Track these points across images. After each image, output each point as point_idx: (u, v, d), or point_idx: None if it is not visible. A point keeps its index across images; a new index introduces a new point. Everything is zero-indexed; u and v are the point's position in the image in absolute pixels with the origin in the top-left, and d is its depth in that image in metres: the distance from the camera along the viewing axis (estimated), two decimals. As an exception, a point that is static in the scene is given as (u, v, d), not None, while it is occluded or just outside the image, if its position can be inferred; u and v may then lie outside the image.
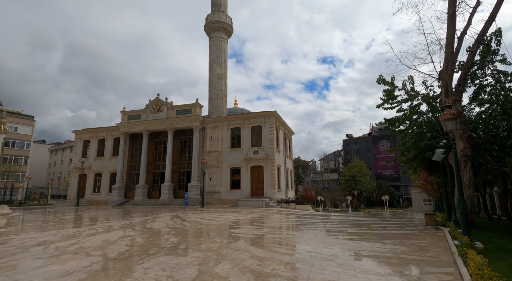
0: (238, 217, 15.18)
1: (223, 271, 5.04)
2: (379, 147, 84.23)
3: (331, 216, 18.16)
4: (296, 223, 13.18)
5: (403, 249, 7.00)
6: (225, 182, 26.91)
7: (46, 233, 9.77)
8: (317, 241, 7.97)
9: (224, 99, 30.16)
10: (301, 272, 5.00)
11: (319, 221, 13.91)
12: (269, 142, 25.74)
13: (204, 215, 16.54)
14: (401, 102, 16.24)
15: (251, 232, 9.72)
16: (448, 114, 7.99)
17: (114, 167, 31.50)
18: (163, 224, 12.29)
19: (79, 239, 8.45)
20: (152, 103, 29.80)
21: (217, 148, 27.78)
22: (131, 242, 8.02)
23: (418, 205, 54.98)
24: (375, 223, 13.37)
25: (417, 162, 16.17)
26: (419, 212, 50.14)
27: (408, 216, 38.14)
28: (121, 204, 28.47)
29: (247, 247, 7.16)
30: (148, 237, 8.91)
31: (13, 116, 50.76)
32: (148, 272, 5.00)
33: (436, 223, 11.62)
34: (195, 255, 6.26)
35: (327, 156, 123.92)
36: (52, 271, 5.10)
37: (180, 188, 29.02)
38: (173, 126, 28.39)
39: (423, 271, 5.15)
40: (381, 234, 9.66)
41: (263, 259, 5.89)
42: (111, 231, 10.23)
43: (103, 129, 33.18)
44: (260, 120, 26.56)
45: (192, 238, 8.87)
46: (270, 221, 13.69)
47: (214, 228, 11.00)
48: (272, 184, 24.76)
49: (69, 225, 12.69)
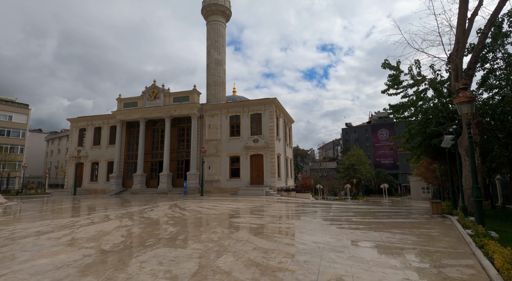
0: (238, 206, 14.85)
1: (225, 265, 4.64)
2: (378, 136, 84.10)
3: (332, 204, 17.91)
4: (299, 212, 12.85)
5: (414, 239, 6.64)
6: (225, 170, 26.53)
7: (38, 223, 9.36)
8: (322, 231, 7.61)
9: (223, 86, 29.37)
10: (310, 265, 4.61)
11: (322, 210, 13.60)
12: (269, 130, 25.20)
13: (203, 204, 16.21)
14: (407, 87, 15.68)
15: (253, 222, 9.36)
16: (463, 97, 7.48)
17: (111, 156, 30.99)
18: (161, 213, 11.92)
19: (72, 230, 8.04)
20: (148, 90, 28.99)
21: (216, 137, 27.25)
22: (127, 232, 7.63)
23: (416, 193, 55.28)
24: (379, 212, 13.07)
25: (421, 149, 15.76)
26: (417, 200, 50.46)
27: (407, 204, 38.22)
28: (119, 193, 28.15)
29: (250, 237, 6.78)
30: (146, 227, 8.52)
31: (7, 104, 49.75)
32: (144, 266, 4.59)
33: (442, 211, 11.31)
34: (195, 247, 5.86)
35: (325, 145, 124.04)
36: (39, 266, 4.68)
37: (179, 177, 28.65)
38: (170, 113, 27.71)
39: (441, 263, 4.78)
40: (388, 223, 9.33)
41: (267, 251, 5.50)
42: (107, 221, 9.84)
43: (99, 117, 32.45)
44: (260, 107, 25.92)
45: (191, 228, 8.49)
46: (271, 210, 13.36)
47: (214, 217, 10.63)
48: (272, 172, 24.41)
49: (64, 214, 12.30)
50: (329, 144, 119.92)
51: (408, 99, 15.88)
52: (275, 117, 25.90)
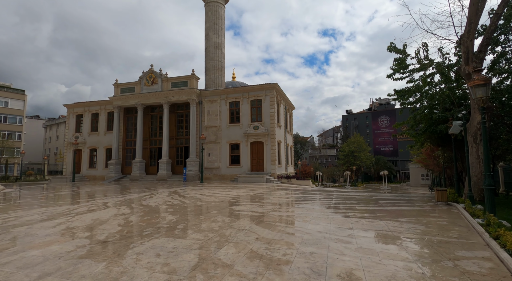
0: (239, 193, 14.64)
1: (227, 257, 4.36)
2: (379, 123, 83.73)
3: (334, 191, 17.74)
4: (300, 199, 12.64)
5: (423, 229, 6.38)
6: (225, 158, 26.26)
7: (34, 211, 9.10)
8: (326, 220, 7.35)
9: (222, 70, 28.60)
10: (317, 258, 4.33)
11: (324, 197, 13.40)
12: (269, 117, 24.73)
13: (203, 191, 16.00)
14: (413, 71, 15.15)
15: (254, 210, 9.11)
16: (479, 80, 7.04)
17: (109, 142, 30.62)
18: (161, 200, 11.68)
19: (68, 218, 7.78)
20: (145, 75, 28.23)
21: (216, 123, 26.79)
22: (125, 221, 7.36)
23: (415, 179, 55.54)
24: (383, 199, 12.87)
25: (426, 136, 15.40)
26: (416, 187, 50.75)
27: (406, 190, 38.38)
28: (118, 180, 28.00)
29: (252, 226, 6.51)
30: (144, 215, 8.26)
31: (2, 90, 48.86)
32: (141, 259, 4.31)
33: (447, 199, 11.08)
34: (195, 237, 5.59)
35: (325, 132, 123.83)
36: (29, 258, 4.40)
37: (178, 163, 28.42)
38: (168, 99, 27.11)
39: (455, 255, 4.51)
40: (393, 211, 9.09)
41: (271, 242, 5.23)
42: (104, 208, 9.59)
43: (96, 103, 31.82)
44: (260, 93, 25.31)
45: (191, 216, 8.23)
46: (272, 197, 13.15)
47: (215, 205, 10.39)
48: (273, 160, 24.14)
49: (61, 202, 12.05)
50: (329, 131, 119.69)
51: (414, 84, 15.39)
52: (276, 103, 25.36)
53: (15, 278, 3.62)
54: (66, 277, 3.65)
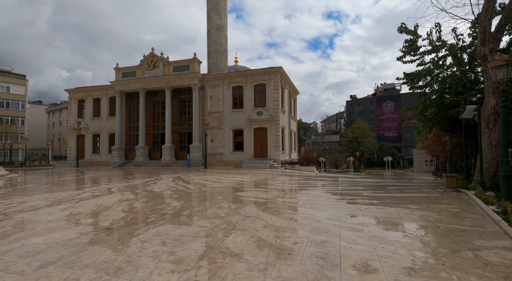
0: (243, 179, 14.52)
1: (235, 246, 4.18)
2: (383, 108, 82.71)
3: (339, 177, 17.57)
4: (306, 186, 12.48)
5: (435, 216, 6.17)
6: (228, 143, 26.06)
7: (37, 197, 9.02)
8: (335, 207, 7.16)
9: (225, 54, 27.85)
10: (330, 247, 4.14)
11: (329, 183, 13.23)
12: (273, 102, 24.25)
13: (207, 176, 15.90)
14: (425, 53, 14.55)
15: (260, 196, 8.95)
16: (500, 60, 6.59)
17: (111, 128, 30.47)
18: (165, 186, 11.58)
19: (71, 204, 7.66)
20: (146, 58, 27.61)
21: (218, 109, 26.39)
22: (129, 207, 7.23)
23: (419, 165, 55.38)
24: (389, 185, 12.67)
25: (435, 121, 14.98)
26: (419, 173, 50.67)
27: (409, 176, 38.20)
28: (122, 165, 28.06)
29: (259, 213, 6.34)
30: (148, 201, 8.14)
31: (3, 75, 48.39)
32: (146, 247, 4.15)
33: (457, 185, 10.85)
34: (201, 224, 5.43)
35: (329, 118, 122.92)
36: (31, 246, 4.25)
37: (182, 149, 28.31)
38: (170, 84, 26.63)
39: (474, 245, 4.30)
40: (402, 198, 8.89)
41: (279, 229, 5.05)
42: (108, 194, 9.48)
43: (97, 87, 31.42)
44: (264, 77, 24.71)
45: (196, 202, 8.09)
46: (277, 183, 13.00)
47: (220, 191, 10.26)
48: (276, 146, 23.90)
49: (64, 187, 12.00)
50: (332, 117, 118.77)
51: (424, 67, 14.84)
52: (280, 88, 24.80)
53: (15, 267, 3.47)
54: (68, 266, 3.50)
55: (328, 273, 3.28)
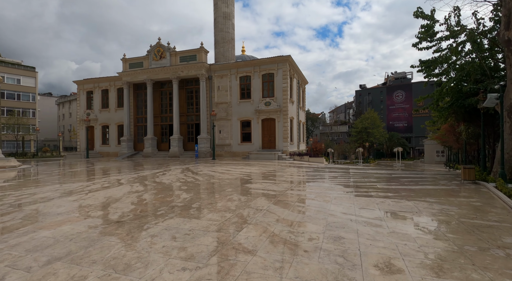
0: (251, 170, 14.35)
1: (248, 242, 4.00)
2: (394, 98, 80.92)
3: (349, 169, 17.23)
4: (316, 177, 12.23)
5: (456, 210, 5.87)
6: (236, 135, 25.87)
7: (47, 188, 9.03)
8: (349, 200, 6.92)
9: (232, 43, 27.32)
10: (348, 244, 3.91)
11: (340, 175, 12.94)
12: (282, 92, 23.78)
13: (216, 168, 15.80)
14: (441, 39, 13.87)
15: (270, 188, 8.76)
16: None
17: (120, 119, 30.60)
18: (174, 177, 11.50)
19: (81, 196, 7.62)
20: (153, 49, 27.33)
21: (226, 100, 26.09)
22: (138, 199, 7.14)
23: (430, 156, 54.33)
24: (403, 177, 12.31)
25: (452, 110, 14.41)
26: (430, 164, 49.76)
27: (420, 167, 37.48)
28: (131, 156, 28.27)
29: (270, 206, 6.15)
30: (157, 193, 8.04)
31: (13, 67, 48.93)
32: (155, 242, 4.00)
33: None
34: (211, 218, 5.26)
35: (337, 108, 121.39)
36: (39, 239, 4.16)
37: (190, 140, 28.29)
38: (177, 74, 26.37)
39: (503, 243, 4.01)
40: (418, 191, 8.57)
41: (293, 224, 4.84)
42: (117, 185, 9.44)
43: (105, 79, 31.42)
44: (272, 66, 24.17)
45: (206, 194, 7.95)
46: (287, 175, 12.79)
47: (229, 182, 10.10)
48: (285, 137, 23.58)
49: (75, 178, 12.05)
50: (341, 107, 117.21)
51: (441, 54, 14.17)
52: (289, 78, 24.27)
53: (22, 263, 3.36)
54: (76, 262, 3.37)
55: (349, 273, 3.06)
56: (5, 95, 46.24)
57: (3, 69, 45.06)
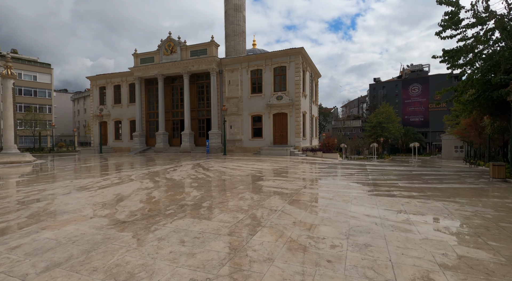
0: (263, 167, 13.96)
1: (263, 248, 3.61)
2: (409, 91, 78.46)
3: (366, 165, 16.57)
4: (332, 175, 11.72)
5: (493, 213, 5.29)
6: (247, 130, 25.49)
7: (58, 184, 8.94)
8: (370, 200, 6.42)
9: (243, 36, 26.76)
10: (376, 252, 3.46)
11: (357, 172, 12.36)
12: (294, 86, 23.13)
13: (227, 163, 15.49)
14: (467, 27, 12.92)
15: (284, 186, 8.34)
16: None
17: (132, 115, 30.77)
18: (184, 174, 11.25)
19: (90, 193, 7.44)
20: (164, 43, 27.13)
21: (237, 94, 25.69)
22: (147, 197, 6.87)
23: (448, 152, 52.44)
24: (426, 174, 11.62)
25: (477, 103, 13.48)
26: (448, 159, 47.98)
27: (437, 163, 36.09)
28: (143, 151, 28.43)
29: (285, 207, 5.74)
30: (167, 190, 7.77)
31: (30, 64, 50.07)
32: (162, 246, 3.67)
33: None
34: (223, 218, 4.91)
35: (350, 103, 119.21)
36: (41, 241, 3.91)
37: (201, 136, 28.15)
38: (188, 69, 26.12)
39: (559, 254, 3.45)
40: (444, 190, 7.95)
41: (312, 228, 4.42)
42: (127, 182, 9.25)
43: (117, 74, 31.58)
44: (284, 59, 23.51)
45: (216, 192, 7.62)
46: (300, 172, 12.32)
47: (240, 179, 9.75)
48: (297, 132, 23.01)
49: (86, 174, 11.99)
50: (354, 102, 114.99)
51: (465, 43, 13.23)
52: (302, 71, 23.57)
53: (19, 269, 3.10)
54: (76, 269, 3.08)
55: (383, 291, 2.62)
56: (22, 91, 47.44)
57: (20, 66, 46.13)
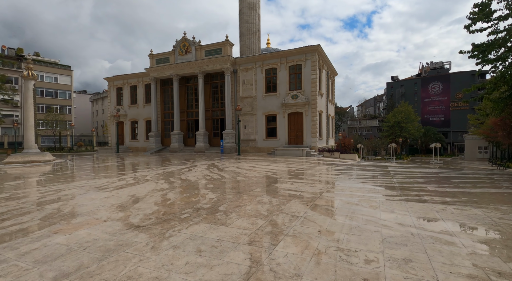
0: (279, 168, 13.56)
1: (288, 261, 3.23)
2: (429, 90, 75.77)
3: (387, 167, 15.83)
4: (353, 177, 11.17)
5: (545, 224, 4.67)
6: (261, 130, 25.14)
7: (74, 184, 8.91)
8: (400, 206, 5.90)
9: (257, 34, 26.43)
10: (419, 270, 3.01)
11: (380, 174, 11.74)
12: (310, 84, 22.55)
13: (241, 164, 15.20)
14: (500, 19, 12.05)
15: (304, 189, 7.92)
16: None
17: (148, 115, 31.14)
18: (199, 174, 11.03)
19: (105, 193, 7.31)
20: (179, 43, 27.23)
21: (251, 94, 25.39)
22: (162, 199, 6.65)
23: (471, 152, 50.13)
24: (455, 177, 10.86)
25: (510, 101, 12.55)
26: (471, 161, 45.82)
27: (460, 165, 34.42)
28: (158, 151, 28.67)
29: (308, 212, 5.34)
30: (182, 191, 7.53)
31: (51, 66, 51.85)
32: (178, 256, 3.37)
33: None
34: (241, 225, 4.57)
35: (366, 102, 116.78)
36: (51, 247, 3.71)
37: (215, 135, 28.08)
38: (202, 69, 26.07)
39: None
40: (480, 195, 7.29)
41: (340, 238, 4.00)
42: (142, 182, 9.11)
43: (133, 75, 32.05)
44: (300, 57, 22.98)
45: (233, 194, 7.30)
46: (319, 174, 11.84)
47: (256, 181, 9.41)
48: (313, 132, 22.41)
49: (102, 173, 12.01)
50: (370, 101, 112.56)
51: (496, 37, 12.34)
52: (318, 69, 22.94)
53: (26, 279, 2.87)
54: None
55: (438, 322, 2.19)
56: (44, 93, 49.19)
57: (42, 68, 47.86)
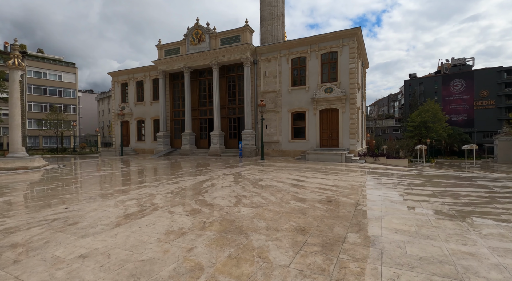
0: (332, 181, 10.13)
1: None
2: (451, 88, 71.47)
3: (471, 178, 12.14)
4: (447, 195, 7.64)
5: None
6: (285, 130, 21.74)
7: (43, 214, 5.64)
8: None
9: (281, 19, 23.06)
10: None
11: (490, 191, 8.17)
12: (348, 75, 19.03)
13: (275, 174, 11.79)
14: None
15: (426, 233, 4.49)
16: None
17: (156, 113, 28.04)
18: (229, 192, 7.69)
19: (80, 246, 4.01)
20: (191, 31, 24.03)
21: (274, 88, 22.02)
22: (186, 265, 3.29)
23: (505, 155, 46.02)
24: None
25: None
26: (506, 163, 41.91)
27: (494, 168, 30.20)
28: (167, 154, 25.54)
29: None
30: (218, 239, 4.18)
31: (54, 63, 49.45)
32: None
33: None
34: None
35: (378, 101, 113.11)
36: None
37: (231, 136, 24.74)
38: (218, 60, 22.80)
39: None
40: None
41: None
42: (148, 211, 5.80)
43: (139, 69, 29.03)
44: (335, 43, 19.46)
45: (318, 254, 3.89)
46: (411, 197, 8.34)
47: (325, 209, 6.00)
48: (352, 132, 18.89)
49: (94, 190, 8.70)
50: (383, 100, 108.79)
51: None
52: (357, 57, 19.42)
53: None
54: None
55: None
56: (47, 91, 46.77)
57: (45, 65, 45.47)
